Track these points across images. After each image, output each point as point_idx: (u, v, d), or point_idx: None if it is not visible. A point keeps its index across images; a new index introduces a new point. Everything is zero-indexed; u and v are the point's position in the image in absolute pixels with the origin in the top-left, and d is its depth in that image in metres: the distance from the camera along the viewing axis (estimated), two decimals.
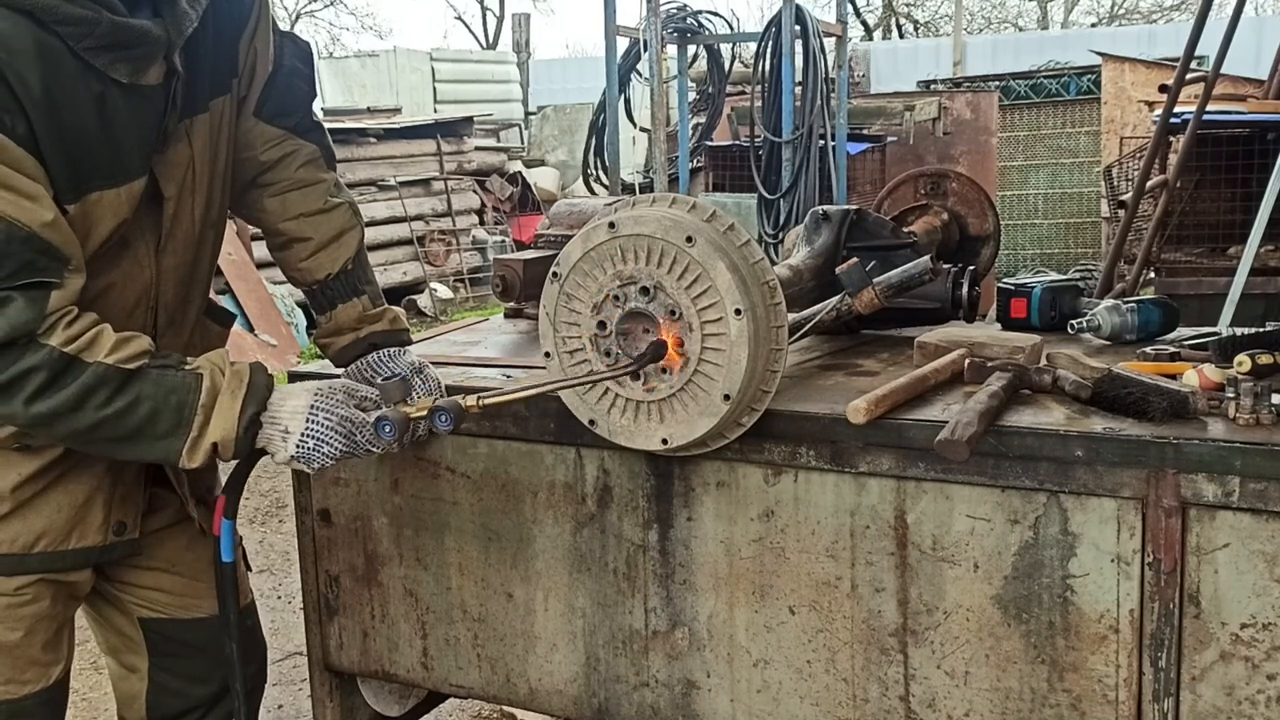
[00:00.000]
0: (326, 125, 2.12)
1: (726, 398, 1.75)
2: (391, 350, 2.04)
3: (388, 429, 1.74)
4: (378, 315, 2.06)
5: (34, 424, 1.62)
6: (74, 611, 1.94)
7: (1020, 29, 28.13)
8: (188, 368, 1.69)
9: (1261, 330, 1.99)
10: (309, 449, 1.73)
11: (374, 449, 1.78)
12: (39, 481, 1.76)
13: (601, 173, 8.30)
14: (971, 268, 2.41)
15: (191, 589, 2.03)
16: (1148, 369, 1.89)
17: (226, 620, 1.91)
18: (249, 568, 2.21)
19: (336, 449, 1.74)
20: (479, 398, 1.78)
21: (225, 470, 1.93)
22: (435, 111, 15.30)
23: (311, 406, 1.73)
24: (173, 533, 2.00)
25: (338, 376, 2.00)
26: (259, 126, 1.94)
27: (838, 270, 2.18)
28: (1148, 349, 2.05)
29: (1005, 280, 2.48)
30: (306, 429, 1.72)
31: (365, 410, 1.79)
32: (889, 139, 8.42)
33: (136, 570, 1.98)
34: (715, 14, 8.25)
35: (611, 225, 1.78)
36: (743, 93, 9.41)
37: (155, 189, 1.75)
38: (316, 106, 2.08)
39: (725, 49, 9.01)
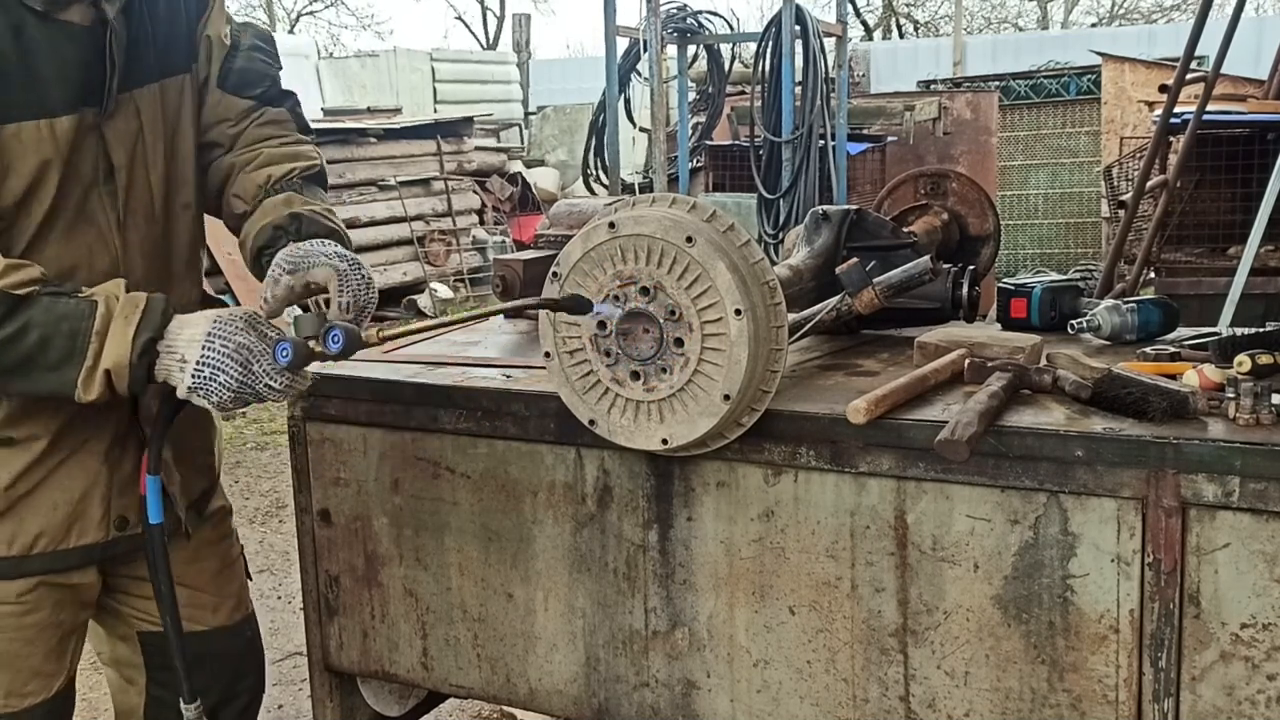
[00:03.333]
0: (326, 125, 2.12)
1: (726, 398, 1.75)
2: (317, 242, 1.81)
3: (285, 352, 1.63)
4: (306, 204, 1.87)
5: None
6: (84, 619, 1.91)
7: (1020, 29, 28.15)
8: (82, 295, 1.63)
9: (1261, 330, 1.99)
10: (205, 378, 1.62)
11: (273, 384, 1.65)
12: (31, 478, 1.74)
13: (601, 173, 8.30)
14: (971, 268, 2.41)
15: (193, 600, 1.99)
16: (1148, 369, 1.89)
17: (159, 592, 1.81)
18: (249, 575, 2.18)
19: (233, 378, 1.63)
20: (379, 329, 1.68)
21: (228, 482, 1.92)
22: (435, 111, 15.30)
23: (208, 333, 1.64)
24: (175, 543, 1.96)
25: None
26: (225, 99, 1.91)
27: (838, 270, 2.18)
28: (1148, 349, 2.05)
29: (1005, 280, 2.48)
30: (202, 356, 1.62)
31: (266, 340, 1.67)
32: (889, 139, 8.42)
33: (137, 582, 1.94)
34: (715, 14, 8.26)
35: (611, 225, 1.78)
36: (743, 93, 9.42)
37: (110, 162, 1.74)
38: (316, 107, 2.09)
39: (725, 49, 9.01)
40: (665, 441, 1.82)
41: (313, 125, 2.09)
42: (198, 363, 1.63)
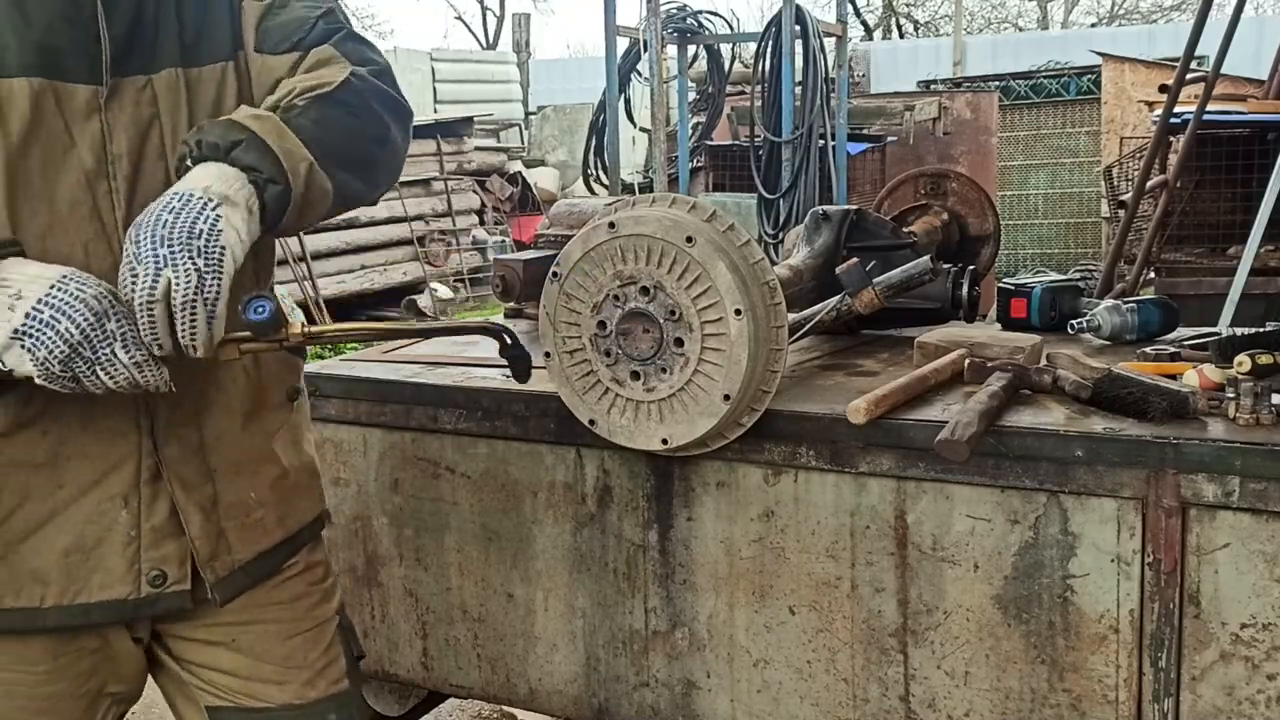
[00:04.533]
0: None
1: (726, 398, 1.75)
2: (186, 178, 1.38)
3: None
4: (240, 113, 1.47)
5: None
6: (124, 691, 1.65)
7: (1020, 29, 28.16)
8: None
9: (1261, 330, 1.99)
10: (41, 321, 1.29)
11: (120, 354, 1.33)
12: (28, 518, 1.49)
13: (601, 173, 8.30)
14: (971, 268, 2.41)
15: (256, 671, 1.69)
16: (1148, 369, 1.90)
17: None
18: (360, 651, 1.86)
19: (77, 327, 1.30)
20: (303, 325, 1.44)
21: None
22: (435, 111, 15.30)
23: (64, 276, 1.33)
24: (200, 608, 1.64)
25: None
26: (265, 64, 1.62)
27: (838, 270, 2.18)
28: (1148, 349, 2.05)
29: (1005, 280, 2.48)
30: (48, 295, 1.30)
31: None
32: (889, 139, 8.42)
33: (199, 646, 1.68)
34: (715, 14, 8.26)
35: (611, 225, 1.78)
36: (743, 93, 9.41)
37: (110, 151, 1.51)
38: None
39: (725, 49, 9.01)
40: (665, 441, 1.82)
41: None
42: (38, 301, 1.30)
